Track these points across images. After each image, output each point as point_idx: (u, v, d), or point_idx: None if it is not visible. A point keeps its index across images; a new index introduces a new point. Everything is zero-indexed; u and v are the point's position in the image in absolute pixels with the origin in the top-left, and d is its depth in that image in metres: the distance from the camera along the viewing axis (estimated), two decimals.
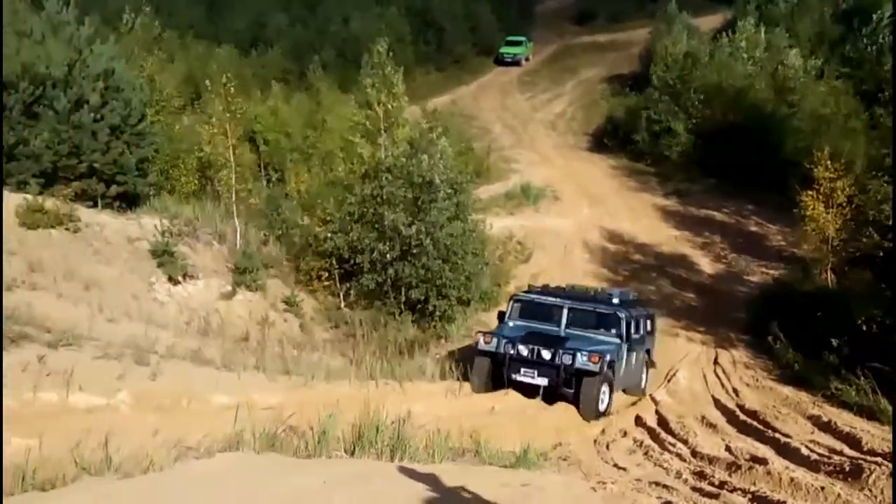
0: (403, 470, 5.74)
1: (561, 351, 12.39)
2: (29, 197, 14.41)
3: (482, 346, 12.97)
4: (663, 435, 11.12)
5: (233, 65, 31.03)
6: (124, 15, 26.97)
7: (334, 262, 17.65)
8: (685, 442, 10.50)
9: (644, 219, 25.55)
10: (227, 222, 17.89)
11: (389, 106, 18.83)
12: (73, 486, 5.31)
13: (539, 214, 25.37)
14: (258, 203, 20.08)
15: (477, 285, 17.93)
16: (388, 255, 17.09)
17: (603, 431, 11.77)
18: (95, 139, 16.23)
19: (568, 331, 13.24)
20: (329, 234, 17.61)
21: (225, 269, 16.37)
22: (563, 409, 12.34)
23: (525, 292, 14.59)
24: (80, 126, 16.04)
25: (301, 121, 27.42)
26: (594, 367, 12.16)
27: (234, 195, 18.11)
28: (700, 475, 8.15)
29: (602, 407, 12.47)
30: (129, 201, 17.22)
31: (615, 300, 13.62)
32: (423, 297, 17.07)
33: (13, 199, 14.36)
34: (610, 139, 33.65)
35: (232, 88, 17.97)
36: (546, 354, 12.49)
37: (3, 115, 15.32)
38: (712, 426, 11.60)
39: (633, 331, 13.61)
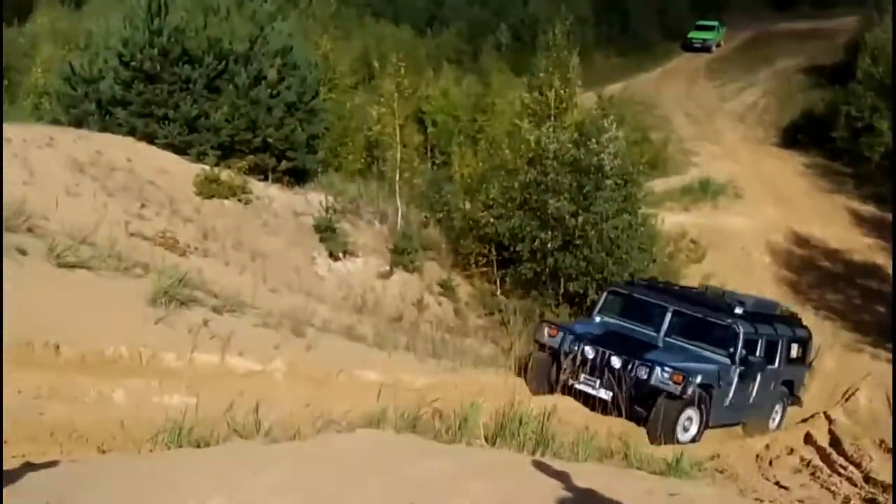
0: (543, 466, 5.68)
1: (637, 361, 10.44)
2: (207, 167, 15.54)
3: (544, 338, 11.28)
4: (834, 456, 10.38)
5: (407, 44, 31.86)
6: None
7: (493, 248, 17.75)
8: (858, 465, 9.77)
9: (835, 223, 23.88)
10: (389, 202, 18.44)
11: (562, 91, 18.64)
12: (224, 446, 5.66)
13: (717, 212, 24.31)
14: (421, 184, 20.55)
15: None
16: (549, 245, 16.95)
17: (767, 447, 11.13)
18: (270, 115, 17.20)
19: (668, 339, 11.25)
20: (490, 220, 17.70)
21: (384, 249, 16.89)
22: None
23: (628, 283, 13.01)
24: (258, 101, 17.05)
25: (470, 103, 27.75)
26: (674, 389, 10.15)
27: (398, 175, 18.62)
28: (871, 502, 7.55)
29: (683, 437, 10.35)
30: (297, 176, 18.14)
31: (738, 310, 11.31)
32: (582, 290, 16.77)
33: (192, 169, 15.53)
34: (804, 135, 31.67)
35: (403, 68, 18.45)
36: (616, 362, 10.55)
37: (189, 88, 16.59)
38: (891, 452, 10.71)
39: (756, 352, 11.42)
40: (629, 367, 10.49)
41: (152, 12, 16.53)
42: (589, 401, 10.59)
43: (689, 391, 10.20)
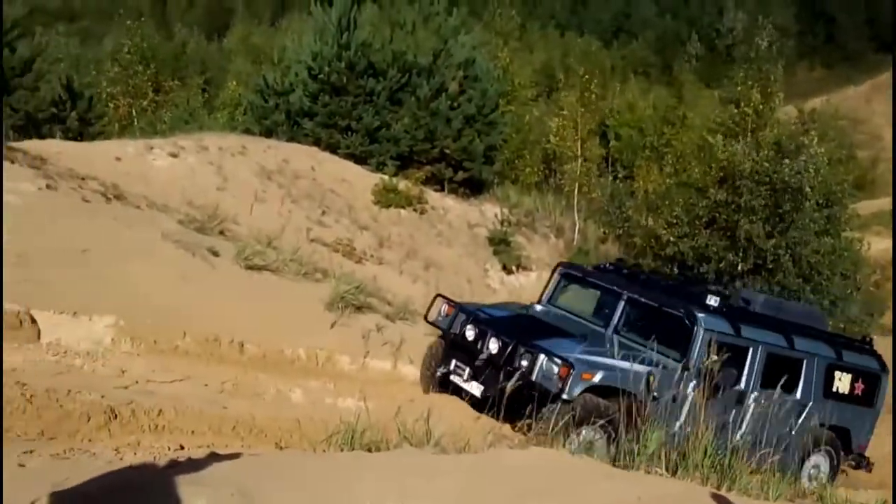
0: (724, 501, 5.38)
1: (521, 347, 7.54)
2: (385, 177, 16.12)
3: (433, 316, 8.63)
4: None
5: (592, 56, 31.66)
6: (490, 6, 28.93)
7: (675, 267, 17.22)
8: None
9: None
10: (566, 216, 18.34)
11: (759, 106, 17.84)
12: (394, 451, 5.76)
13: None
14: (601, 199, 20.30)
15: (843, 311, 16.30)
16: (738, 267, 16.24)
17: None
18: (450, 126, 17.61)
19: (618, 336, 8.29)
20: (673, 238, 17.21)
21: None
22: None
23: (596, 267, 9.92)
24: (437, 113, 17.52)
25: (658, 116, 27.14)
26: (554, 387, 7.24)
27: (577, 189, 18.49)
28: None
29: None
30: (473, 188, 18.44)
31: (712, 302, 8.13)
32: None
33: (371, 179, 16.15)
34: None
35: (587, 80, 18.36)
36: (494, 346, 7.76)
37: (372, 100, 17.35)
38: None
39: (745, 365, 8.18)
40: (510, 353, 7.55)
41: (342, 27, 17.43)
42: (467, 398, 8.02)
43: (575, 392, 7.13)
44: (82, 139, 16.14)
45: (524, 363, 7.39)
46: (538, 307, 9.03)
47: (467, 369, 7.94)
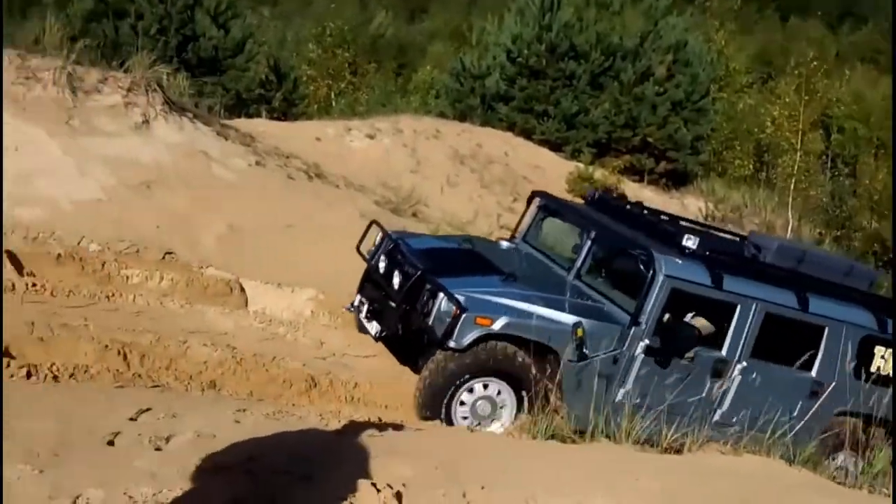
0: None
1: (425, 283, 6.27)
2: (581, 165, 15.98)
3: (366, 247, 7.36)
4: None
5: (816, 41, 29.87)
6: None
7: None
8: None
9: None
10: (778, 213, 17.43)
11: None
12: (593, 445, 5.76)
13: None
14: (819, 197, 19.13)
15: None
16: None
17: None
18: (654, 113, 17.20)
19: (580, 282, 6.88)
20: None
21: None
22: None
23: (584, 198, 8.65)
24: (642, 98, 17.16)
25: (887, 108, 25.23)
26: (438, 328, 5.95)
27: (792, 185, 17.55)
28: None
29: (479, 423, 6.07)
30: (675, 179, 17.91)
31: (689, 243, 6.47)
32: None
33: (565, 166, 16.06)
34: None
35: (815, 67, 17.39)
36: (397, 279, 6.61)
37: (571, 84, 17.24)
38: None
39: (734, 326, 6.55)
40: (412, 290, 6.33)
41: (544, 8, 17.44)
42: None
43: (465, 340, 5.86)
44: (285, 119, 17.12)
45: (426, 302, 6.17)
46: (504, 244, 7.80)
47: (367, 305, 6.80)
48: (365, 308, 6.78)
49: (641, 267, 6.35)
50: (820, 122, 23.59)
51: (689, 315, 6.47)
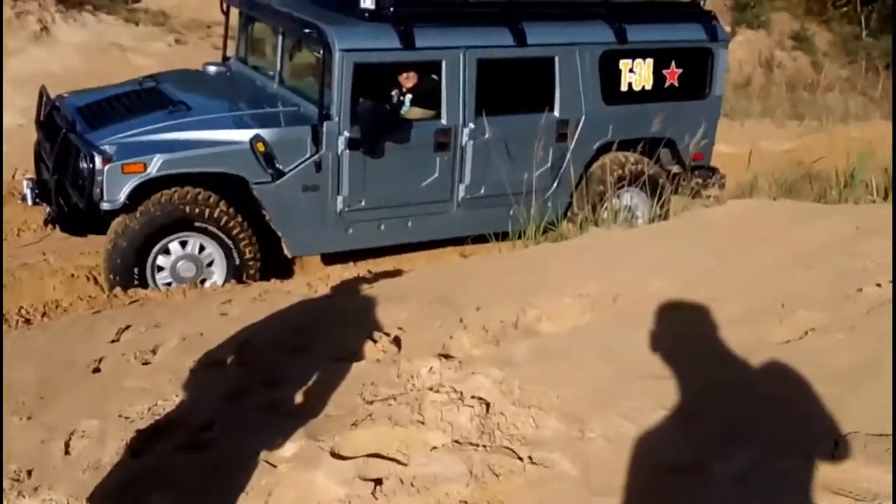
0: None
1: (76, 144, 4.95)
2: None
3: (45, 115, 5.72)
4: None
5: None
6: None
7: None
8: None
9: None
10: None
11: None
12: (583, 237, 5.38)
13: None
14: None
15: None
16: None
17: None
18: None
19: (282, 91, 5.62)
20: None
21: (722, 7, 15.10)
22: None
23: None
24: None
25: None
26: (93, 191, 4.71)
27: None
28: None
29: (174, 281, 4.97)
30: None
31: (367, 3, 5.21)
32: None
33: None
34: None
35: None
36: (47, 148, 5.37)
37: None
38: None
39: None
40: (59, 154, 5.08)
41: None
42: None
43: (119, 196, 4.65)
44: None
45: (76, 166, 4.89)
46: (212, 69, 6.26)
47: (32, 189, 5.28)
48: (30, 193, 5.23)
49: (316, 49, 5.14)
50: None
51: (405, 105, 5.41)
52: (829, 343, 2.78)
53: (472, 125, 5.38)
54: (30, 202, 5.23)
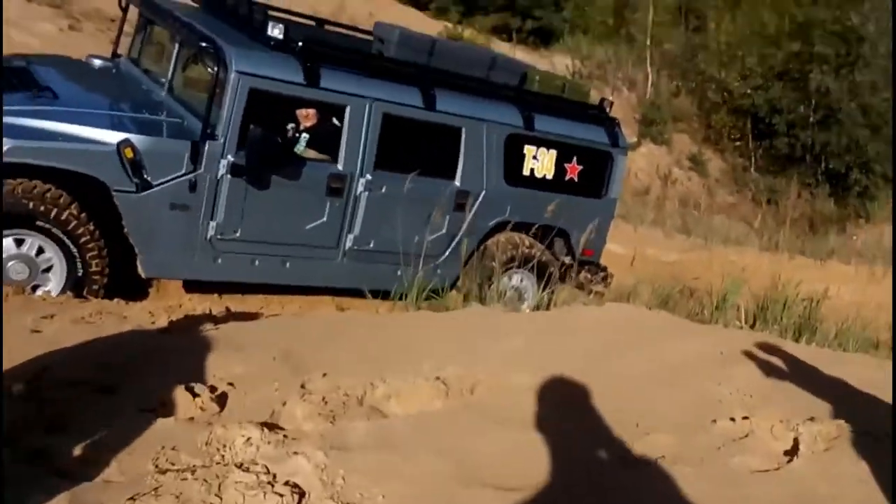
0: (809, 354, 4.64)
1: None
2: (449, 25, 14.87)
3: None
4: None
5: None
6: None
7: (748, 121, 15.99)
8: None
9: None
10: (639, 68, 16.90)
11: None
12: (463, 311, 5.08)
13: None
14: (674, 51, 18.64)
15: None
16: (809, 119, 15.04)
17: None
18: None
19: (168, 100, 5.13)
20: (748, 91, 15.94)
21: (631, 119, 15.57)
22: None
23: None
24: None
25: None
26: None
27: (648, 40, 16.95)
28: None
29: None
30: (543, 38, 17.05)
31: (274, 32, 4.79)
32: (843, 170, 14.94)
33: (434, 26, 14.90)
34: None
35: None
36: None
37: None
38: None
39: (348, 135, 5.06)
40: None
41: None
42: None
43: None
44: None
45: None
46: (98, 62, 5.74)
47: None
48: None
49: (212, 66, 4.67)
50: None
51: (300, 143, 5.02)
52: (676, 474, 2.61)
53: (369, 176, 5.08)
54: None
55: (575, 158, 6.02)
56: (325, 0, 14.36)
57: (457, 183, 5.48)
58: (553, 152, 5.89)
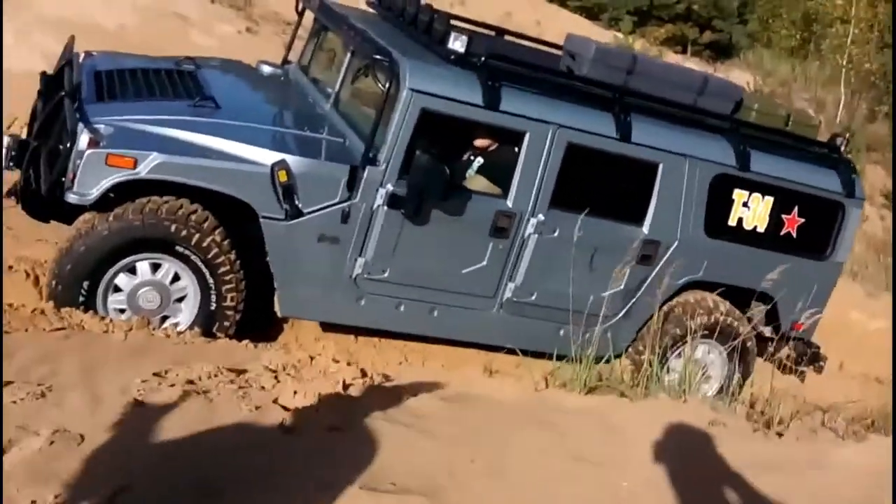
0: None
1: (66, 113, 3.89)
2: (620, 35, 13.96)
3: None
4: None
5: None
6: None
7: None
8: None
9: None
10: (829, 89, 15.30)
11: None
12: None
13: None
14: (875, 70, 16.79)
15: None
16: None
17: None
18: None
19: (334, 114, 4.57)
20: None
21: None
22: None
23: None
24: None
25: None
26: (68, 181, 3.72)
27: (845, 58, 15.29)
28: None
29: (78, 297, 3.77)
30: (720, 51, 15.78)
31: (457, 45, 4.06)
32: None
33: (604, 37, 14.01)
34: None
35: None
36: (41, 111, 4.28)
37: None
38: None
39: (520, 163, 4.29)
40: (48, 119, 4.14)
41: None
42: None
43: (92, 190, 3.67)
44: None
45: (59, 137, 3.90)
46: (267, 69, 5.30)
47: (10, 139, 4.12)
48: (6, 151, 4.05)
49: (383, 80, 4.10)
50: None
51: (472, 168, 4.44)
52: None
53: (541, 216, 4.36)
54: (3, 162, 4.07)
55: (796, 208, 4.97)
56: (491, 8, 13.75)
57: (645, 230, 4.64)
58: (769, 199, 4.86)
